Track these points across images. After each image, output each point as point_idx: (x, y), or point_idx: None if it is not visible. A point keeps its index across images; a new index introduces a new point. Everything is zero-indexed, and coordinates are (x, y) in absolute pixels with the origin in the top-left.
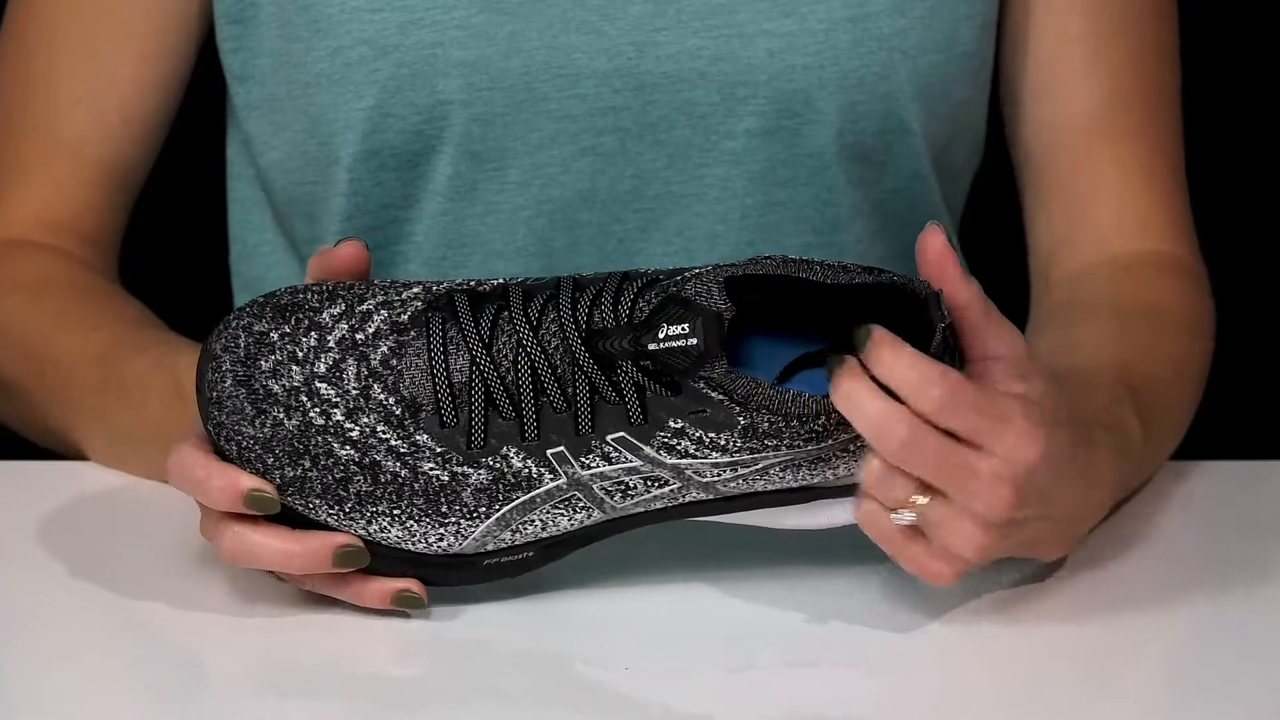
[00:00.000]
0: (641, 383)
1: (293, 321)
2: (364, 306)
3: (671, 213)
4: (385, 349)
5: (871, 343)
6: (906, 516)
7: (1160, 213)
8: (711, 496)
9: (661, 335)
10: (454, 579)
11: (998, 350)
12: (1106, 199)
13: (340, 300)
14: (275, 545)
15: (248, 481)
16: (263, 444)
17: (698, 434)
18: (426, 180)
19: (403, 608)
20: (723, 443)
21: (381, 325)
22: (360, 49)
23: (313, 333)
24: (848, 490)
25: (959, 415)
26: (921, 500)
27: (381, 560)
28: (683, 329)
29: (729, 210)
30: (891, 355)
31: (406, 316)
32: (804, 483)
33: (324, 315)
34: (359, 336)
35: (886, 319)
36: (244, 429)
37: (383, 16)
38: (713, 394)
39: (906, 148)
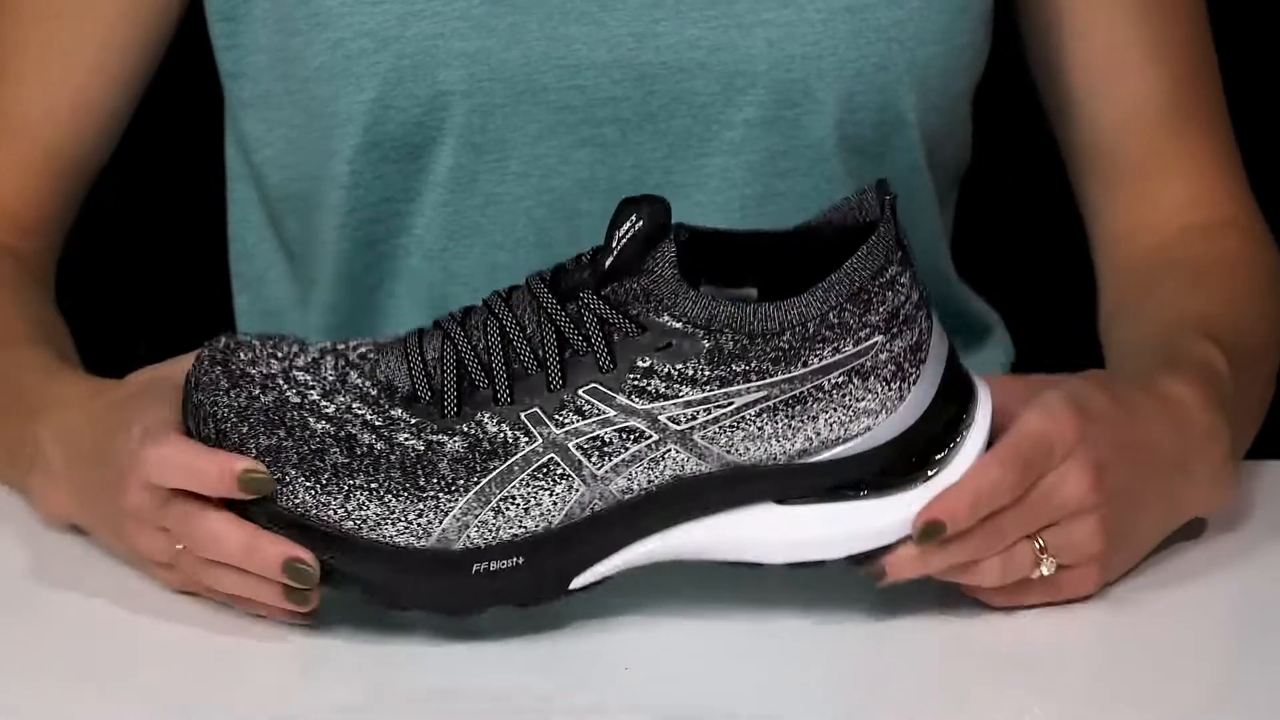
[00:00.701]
0: (605, 315)
1: (277, 338)
2: (353, 343)
3: (672, 202)
4: (365, 349)
5: (925, 521)
6: (1047, 565)
7: (1225, 185)
8: (694, 459)
9: (614, 244)
10: (443, 592)
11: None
12: (1177, 181)
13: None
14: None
15: (241, 463)
16: (238, 413)
17: (666, 368)
18: (427, 172)
19: (292, 581)
20: (691, 372)
21: (364, 342)
22: (361, 41)
23: (295, 345)
24: (844, 488)
25: (1031, 474)
26: (1040, 543)
27: (362, 558)
28: (630, 220)
29: (728, 200)
30: (951, 501)
31: (388, 340)
32: (786, 444)
33: (310, 341)
34: (340, 346)
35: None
36: (220, 399)
37: (383, 8)
38: (675, 324)
39: (904, 140)
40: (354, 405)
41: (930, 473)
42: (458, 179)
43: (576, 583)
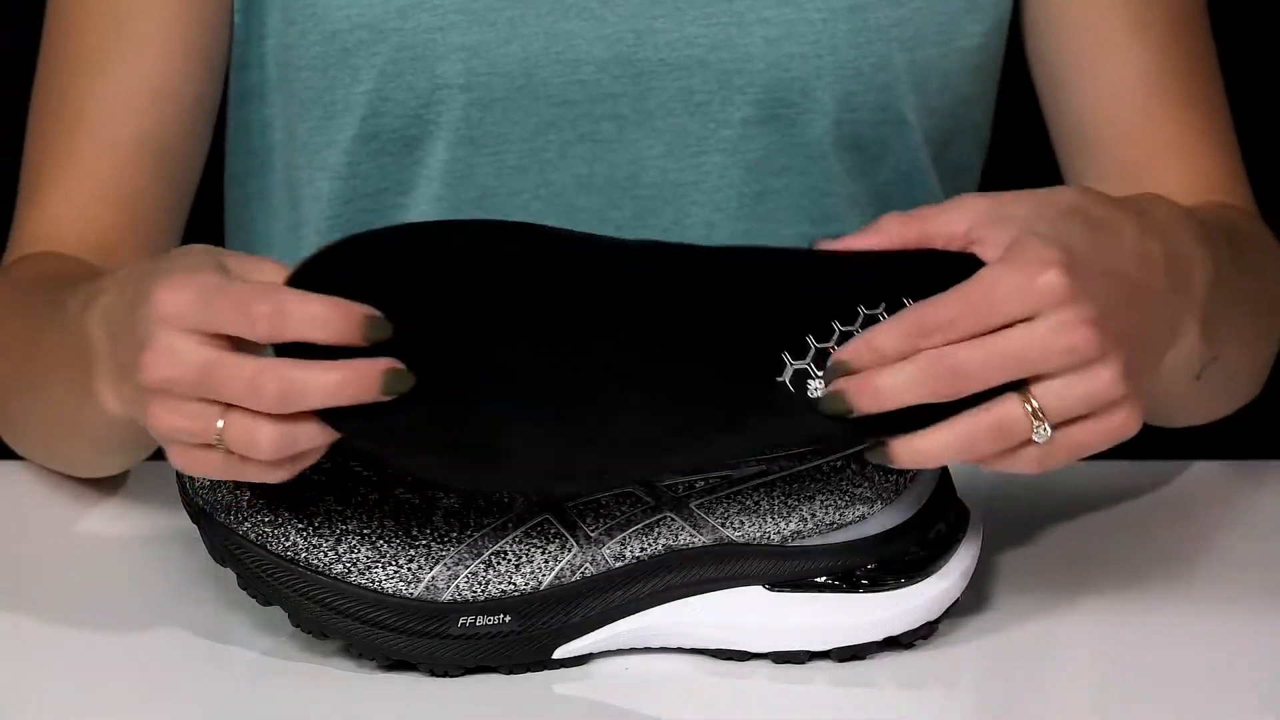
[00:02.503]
0: None
1: None
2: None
3: (669, 200)
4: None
5: (845, 353)
6: (1043, 432)
7: (1219, 169)
8: (689, 529)
9: None
10: (422, 650)
11: (960, 225)
12: (1169, 163)
13: None
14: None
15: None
16: None
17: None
18: (423, 165)
19: (392, 393)
20: None
21: None
22: (359, 32)
23: None
24: (835, 579)
25: (966, 319)
26: (1033, 405)
27: (349, 601)
28: None
29: (725, 199)
30: (869, 339)
31: None
32: (781, 523)
33: None
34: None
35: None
36: None
37: (382, 0)
38: None
39: (903, 140)
40: (351, 463)
41: (920, 578)
42: (454, 172)
43: (560, 653)
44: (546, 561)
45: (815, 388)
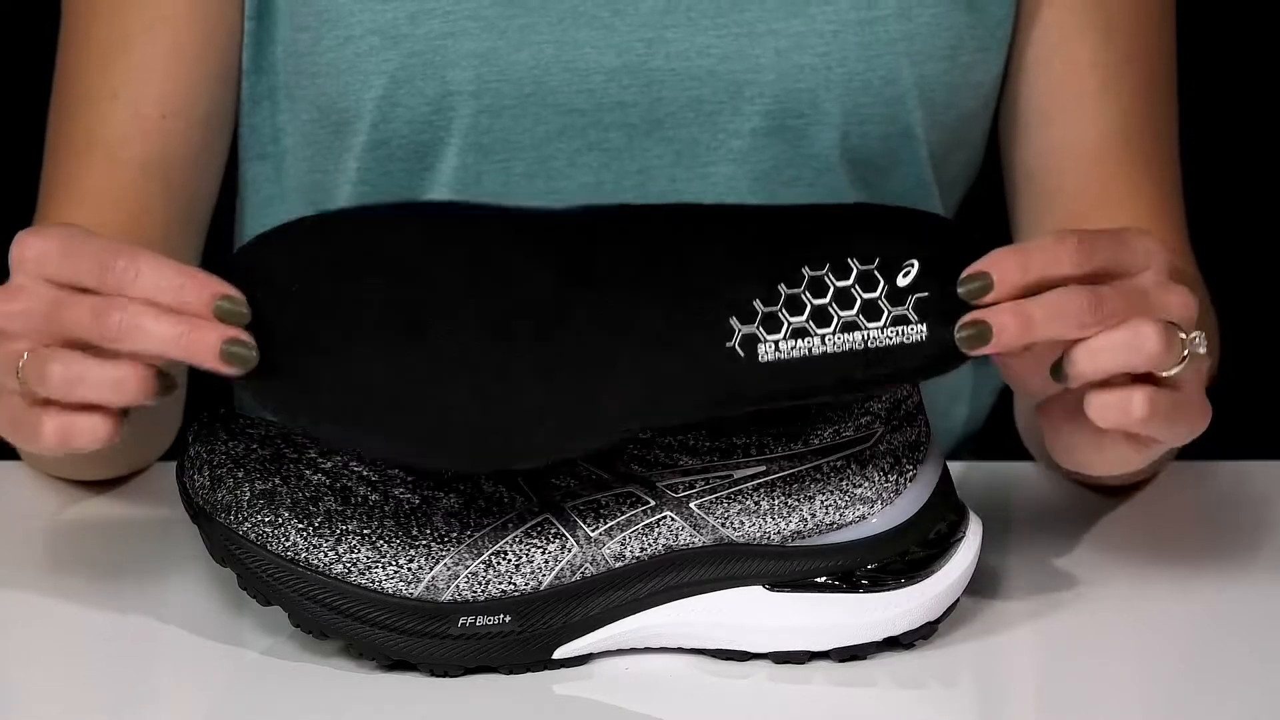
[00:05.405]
0: None
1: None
2: None
3: None
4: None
5: (988, 266)
6: (1200, 343)
7: (1168, 236)
8: (689, 529)
9: None
10: (422, 650)
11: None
12: (1116, 220)
13: None
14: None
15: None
16: (234, 459)
17: (666, 439)
18: (433, 171)
19: (233, 366)
20: (691, 442)
21: None
22: (370, 39)
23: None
24: (835, 579)
25: (1098, 253)
26: (1186, 335)
27: (349, 601)
28: None
29: None
30: (1013, 261)
31: None
32: (782, 523)
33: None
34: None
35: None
36: (218, 446)
37: (393, 6)
38: None
39: (910, 154)
40: (351, 463)
41: (920, 578)
42: (463, 179)
43: (560, 653)
44: (546, 561)
45: (765, 352)
